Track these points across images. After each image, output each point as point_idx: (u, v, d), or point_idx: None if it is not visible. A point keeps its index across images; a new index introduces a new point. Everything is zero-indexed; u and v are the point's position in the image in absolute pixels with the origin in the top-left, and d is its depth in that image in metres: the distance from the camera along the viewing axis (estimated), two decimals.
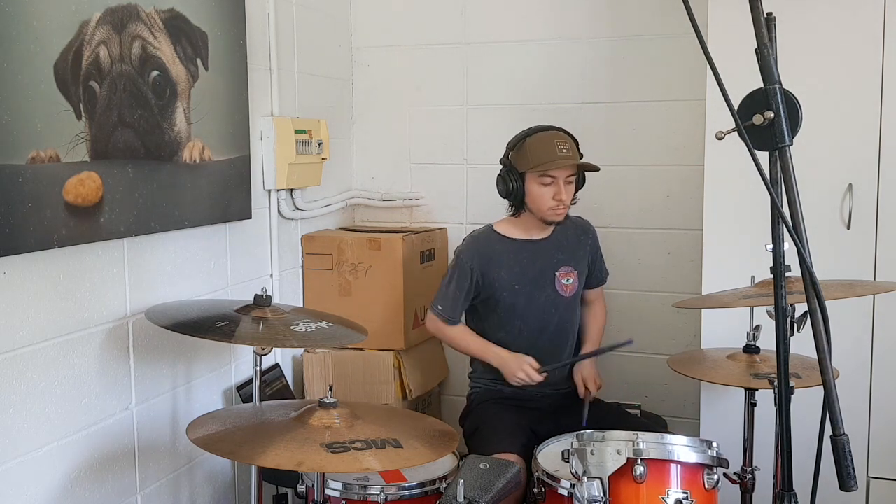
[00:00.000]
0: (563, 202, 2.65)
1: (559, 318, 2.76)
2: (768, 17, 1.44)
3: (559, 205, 2.65)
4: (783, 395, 1.51)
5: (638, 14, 3.20)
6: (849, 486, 1.38)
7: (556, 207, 2.65)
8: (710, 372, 2.48)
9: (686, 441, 1.93)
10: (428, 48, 3.47)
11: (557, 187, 2.63)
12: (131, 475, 2.28)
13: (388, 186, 3.57)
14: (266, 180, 2.87)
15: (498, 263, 2.73)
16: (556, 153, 2.60)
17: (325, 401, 1.90)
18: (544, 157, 2.60)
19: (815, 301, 1.43)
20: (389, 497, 2.12)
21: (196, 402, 2.54)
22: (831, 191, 2.62)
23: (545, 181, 2.63)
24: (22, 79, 1.80)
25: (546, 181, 2.63)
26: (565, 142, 2.64)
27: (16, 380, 1.88)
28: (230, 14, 2.55)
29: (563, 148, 2.62)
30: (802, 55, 2.56)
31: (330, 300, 3.11)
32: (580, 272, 2.80)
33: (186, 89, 2.35)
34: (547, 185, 2.63)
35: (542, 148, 2.62)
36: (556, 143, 2.62)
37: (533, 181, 2.64)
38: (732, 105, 1.42)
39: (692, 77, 3.06)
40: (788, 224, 1.43)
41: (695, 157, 2.95)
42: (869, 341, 2.63)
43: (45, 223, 1.87)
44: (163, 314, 2.16)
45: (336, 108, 3.44)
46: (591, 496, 1.81)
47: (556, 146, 2.61)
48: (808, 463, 1.55)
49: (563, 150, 2.61)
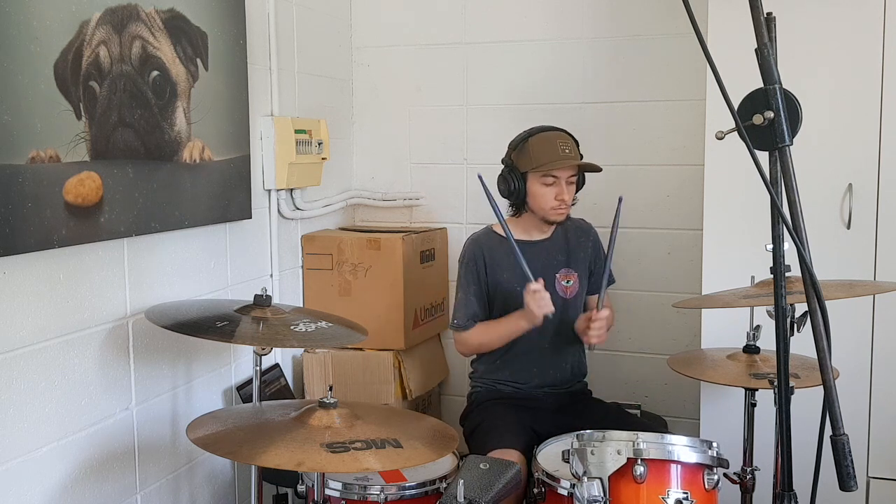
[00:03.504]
0: (564, 202, 2.65)
1: (559, 319, 2.75)
2: (768, 17, 1.44)
3: (561, 205, 2.65)
4: (783, 395, 1.51)
5: (638, 14, 3.20)
6: (849, 486, 1.38)
7: (557, 207, 2.66)
8: (710, 372, 2.48)
9: (686, 441, 1.93)
10: (428, 48, 3.47)
11: (560, 187, 2.63)
12: (131, 475, 2.28)
13: (388, 186, 3.57)
14: (266, 180, 2.87)
15: (499, 265, 2.73)
16: (558, 153, 2.60)
17: (325, 401, 1.90)
18: (547, 157, 2.60)
19: (815, 301, 1.43)
20: (389, 497, 2.12)
21: (196, 402, 2.54)
22: (831, 191, 2.62)
23: (547, 181, 2.63)
24: (22, 79, 1.80)
25: (548, 181, 2.63)
26: (567, 142, 2.64)
27: (16, 380, 1.88)
28: (230, 14, 2.55)
29: (566, 148, 2.62)
30: (802, 55, 2.56)
31: (330, 300, 3.11)
32: (581, 274, 2.79)
33: (186, 89, 2.35)
34: (549, 186, 2.63)
35: (544, 148, 2.62)
36: (559, 144, 2.62)
37: (535, 181, 2.65)
38: (732, 105, 1.42)
39: (692, 77, 3.06)
40: (788, 224, 1.43)
41: (695, 157, 2.95)
42: (869, 341, 2.63)
43: (45, 223, 1.87)
44: (163, 314, 2.16)
45: (336, 108, 3.44)
46: (591, 496, 1.81)
47: (559, 146, 2.61)
48: (808, 463, 1.55)
49: (565, 150, 2.61)
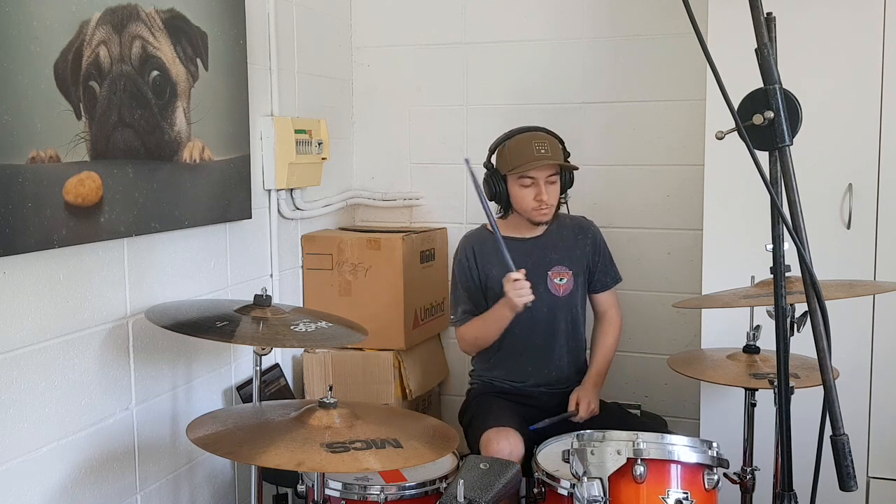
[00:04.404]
0: (545, 203, 2.64)
1: (551, 317, 2.75)
2: (768, 17, 1.44)
3: (541, 205, 2.64)
4: (783, 395, 1.51)
5: (638, 14, 3.20)
6: (849, 486, 1.38)
7: (538, 208, 2.65)
8: (710, 372, 2.48)
9: (686, 441, 1.93)
10: (428, 48, 3.47)
11: (538, 188, 2.63)
12: (131, 475, 2.28)
13: (388, 186, 3.57)
14: (266, 180, 2.87)
15: (490, 261, 2.73)
16: (533, 154, 2.60)
17: (325, 401, 1.90)
18: (522, 159, 2.60)
19: (815, 301, 1.43)
20: (389, 497, 2.13)
21: (196, 402, 2.54)
22: (831, 191, 2.62)
23: (525, 182, 2.63)
24: (22, 79, 1.79)
25: (526, 182, 2.63)
26: (544, 142, 2.63)
27: (16, 380, 1.88)
28: (230, 14, 2.55)
29: (542, 148, 2.61)
30: (802, 55, 2.56)
31: (330, 300, 3.11)
32: (576, 272, 2.78)
33: (186, 89, 2.35)
34: (527, 187, 2.63)
35: (520, 149, 2.62)
36: (535, 144, 2.61)
37: (514, 183, 2.65)
38: (732, 105, 1.42)
39: (692, 77, 3.06)
40: (788, 224, 1.43)
41: (695, 157, 2.95)
42: (869, 341, 2.63)
43: (45, 223, 1.87)
44: (163, 314, 2.16)
45: (336, 108, 3.44)
46: (591, 496, 1.81)
47: (534, 147, 2.61)
48: (808, 463, 1.55)
49: (540, 150, 2.60)
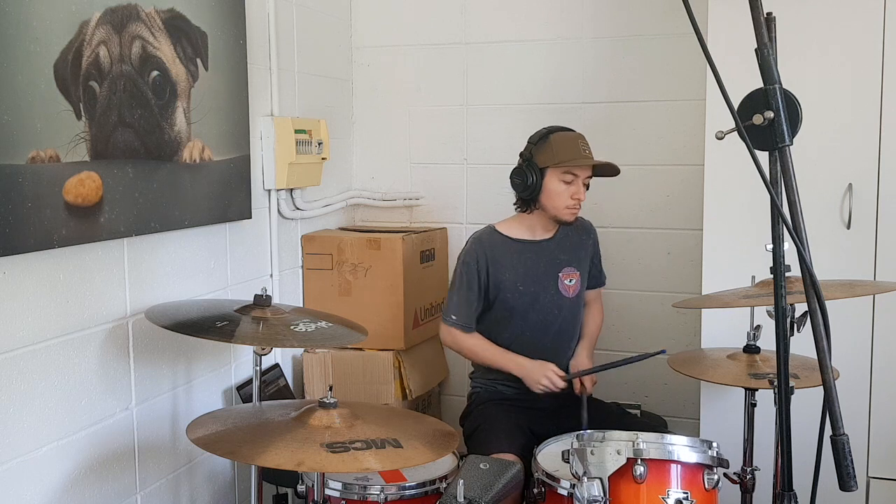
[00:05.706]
0: (579, 202, 2.67)
1: (562, 318, 2.76)
2: (768, 17, 1.44)
3: (576, 204, 2.67)
4: (783, 395, 1.51)
5: (638, 14, 3.20)
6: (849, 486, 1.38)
7: (573, 207, 2.68)
8: (710, 372, 2.48)
9: (686, 441, 1.93)
10: (428, 48, 3.47)
11: (577, 186, 2.65)
12: (131, 475, 2.28)
13: (388, 186, 3.57)
14: (266, 180, 2.87)
15: (502, 264, 2.73)
16: (580, 152, 2.63)
17: (325, 401, 1.90)
18: (570, 155, 2.62)
19: (815, 301, 1.43)
20: (389, 497, 2.12)
21: (196, 402, 2.54)
22: (831, 191, 2.62)
23: (567, 178, 2.64)
24: (22, 79, 1.79)
25: (568, 178, 2.64)
26: (587, 144, 2.68)
27: (16, 380, 1.88)
28: (230, 14, 2.55)
29: (586, 149, 2.66)
30: (802, 55, 2.56)
31: (330, 300, 3.11)
32: (582, 273, 2.81)
33: (186, 89, 2.35)
34: (568, 184, 2.65)
35: (567, 145, 2.64)
36: (580, 144, 2.66)
37: (554, 177, 2.66)
38: (732, 105, 1.42)
39: (692, 77, 3.06)
40: (788, 224, 1.43)
41: (695, 157, 2.96)
42: (869, 341, 2.63)
43: (45, 223, 1.87)
44: (163, 314, 2.16)
45: (336, 108, 3.44)
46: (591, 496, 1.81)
47: (580, 146, 2.65)
48: (808, 463, 1.55)
49: (585, 150, 2.65)
